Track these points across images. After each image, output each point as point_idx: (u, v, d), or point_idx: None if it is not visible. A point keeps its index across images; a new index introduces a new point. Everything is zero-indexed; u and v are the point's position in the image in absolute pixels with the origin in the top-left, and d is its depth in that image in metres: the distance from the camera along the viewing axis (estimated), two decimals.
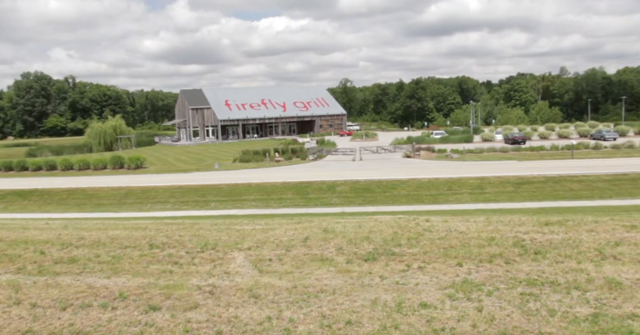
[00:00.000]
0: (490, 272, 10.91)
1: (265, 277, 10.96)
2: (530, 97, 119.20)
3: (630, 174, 30.42)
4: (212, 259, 12.53)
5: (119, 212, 27.30)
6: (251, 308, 9.32)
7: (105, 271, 11.88)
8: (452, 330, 8.10)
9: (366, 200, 27.48)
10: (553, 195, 26.75)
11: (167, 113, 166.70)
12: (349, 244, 13.30)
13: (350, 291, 9.98)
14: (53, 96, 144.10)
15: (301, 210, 25.30)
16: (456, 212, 22.05)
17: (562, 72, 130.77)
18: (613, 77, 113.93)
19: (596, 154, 41.84)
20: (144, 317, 9.09)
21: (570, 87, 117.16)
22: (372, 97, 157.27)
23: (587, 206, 23.17)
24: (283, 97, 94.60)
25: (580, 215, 17.25)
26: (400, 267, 11.31)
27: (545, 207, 23.36)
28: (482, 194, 27.71)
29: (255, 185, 31.99)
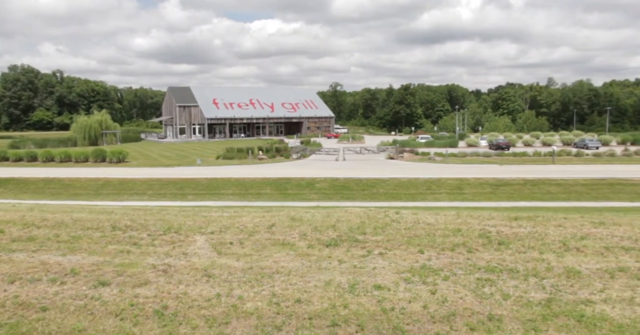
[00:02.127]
0: (451, 259, 10.81)
1: (223, 259, 10.77)
2: (518, 106, 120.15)
3: (608, 179, 30.63)
4: (173, 241, 12.31)
5: (94, 202, 26.91)
6: (202, 286, 9.12)
7: (62, 249, 11.62)
8: (402, 310, 7.97)
9: (344, 197, 27.37)
10: (530, 196, 26.83)
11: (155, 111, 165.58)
12: (314, 231, 13.15)
13: (305, 273, 9.82)
14: (40, 90, 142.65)
15: (278, 204, 25.11)
16: (431, 208, 21.99)
17: (550, 83, 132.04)
18: (600, 89, 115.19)
19: (577, 161, 42.16)
20: (92, 292, 8.86)
21: (558, 98, 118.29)
22: (361, 102, 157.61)
23: (561, 206, 23.25)
24: (272, 97, 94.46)
25: (551, 213, 17.25)
26: (361, 253, 11.18)
27: (520, 207, 23.40)
28: (461, 194, 27.72)
29: (235, 179, 31.75)
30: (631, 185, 29.11)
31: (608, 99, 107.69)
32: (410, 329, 7.24)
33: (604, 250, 11.67)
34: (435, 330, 7.22)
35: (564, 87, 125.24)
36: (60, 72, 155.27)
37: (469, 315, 7.78)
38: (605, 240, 12.63)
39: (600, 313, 7.91)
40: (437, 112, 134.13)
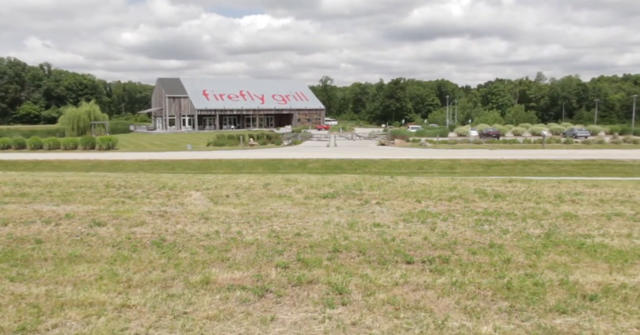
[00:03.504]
0: (449, 207, 10.82)
1: (220, 207, 10.68)
2: (507, 100, 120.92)
3: (598, 160, 30.92)
4: (168, 195, 12.19)
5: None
6: (200, 225, 9.03)
7: (55, 201, 11.45)
8: (403, 240, 7.94)
9: (336, 174, 27.33)
10: (521, 175, 26.95)
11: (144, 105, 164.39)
12: (310, 187, 13.10)
13: (303, 216, 9.76)
14: (27, 83, 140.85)
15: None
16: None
17: (539, 78, 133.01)
18: (588, 85, 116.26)
19: (567, 147, 42.51)
20: (87, 230, 8.73)
21: (546, 93, 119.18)
22: (351, 96, 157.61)
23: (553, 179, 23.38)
24: (262, 89, 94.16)
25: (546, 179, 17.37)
26: (358, 203, 11.14)
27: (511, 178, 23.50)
28: (452, 173, 27.80)
29: (226, 160, 31.60)
30: (621, 165, 29.38)
31: (596, 94, 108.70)
32: (412, 253, 7.22)
33: (599, 202, 11.76)
34: (437, 254, 7.20)
35: (553, 82, 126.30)
36: (47, 65, 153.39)
37: (469, 244, 7.77)
38: (599, 196, 12.72)
39: (600, 243, 7.94)
40: (426, 107, 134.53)
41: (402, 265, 6.74)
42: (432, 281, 6.12)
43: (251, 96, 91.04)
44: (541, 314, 5.17)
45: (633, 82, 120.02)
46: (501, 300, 5.55)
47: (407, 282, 6.10)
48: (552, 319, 5.06)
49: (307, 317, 5.09)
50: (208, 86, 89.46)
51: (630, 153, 36.13)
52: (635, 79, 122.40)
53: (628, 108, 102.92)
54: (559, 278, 6.23)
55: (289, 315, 5.14)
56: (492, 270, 6.55)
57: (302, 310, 5.27)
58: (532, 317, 5.11)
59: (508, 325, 4.92)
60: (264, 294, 5.65)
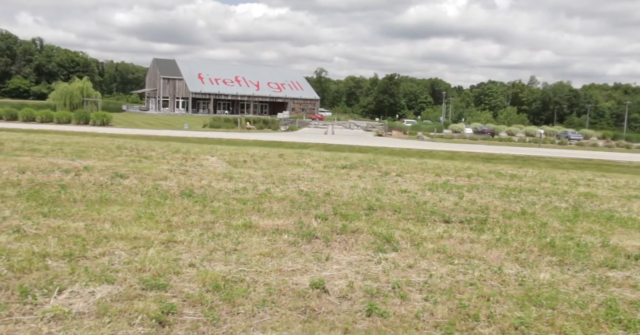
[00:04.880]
0: (469, 182, 10.81)
1: (240, 169, 10.55)
2: (500, 102, 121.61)
3: (595, 160, 31.19)
4: (184, 157, 12.02)
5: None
6: (225, 182, 8.90)
7: (70, 157, 11.23)
8: (435, 204, 7.90)
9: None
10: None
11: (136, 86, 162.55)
12: (325, 160, 13.02)
13: (328, 180, 9.68)
14: (19, 57, 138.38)
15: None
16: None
17: (532, 81, 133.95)
18: (580, 91, 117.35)
19: (562, 147, 42.88)
20: (110, 180, 8.55)
21: (539, 96, 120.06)
22: (345, 90, 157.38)
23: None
24: (257, 76, 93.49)
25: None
26: (378, 174, 11.09)
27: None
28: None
29: (226, 140, 31.31)
30: (617, 165, 29.65)
31: (587, 101, 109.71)
32: (448, 214, 7.17)
33: (613, 187, 11.84)
34: (473, 216, 7.16)
35: (545, 87, 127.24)
36: (40, 40, 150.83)
37: (501, 210, 7.75)
38: (611, 183, 12.82)
39: (628, 217, 7.97)
40: (419, 104, 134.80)
41: (441, 224, 6.69)
42: (476, 237, 6.07)
43: (246, 82, 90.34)
44: (592, 268, 5.15)
45: (623, 91, 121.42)
46: (549, 255, 5.53)
47: (452, 236, 6.05)
48: (604, 272, 5.04)
49: (362, 259, 5.01)
50: (204, 69, 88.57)
51: (625, 156, 36.56)
52: (625, 88, 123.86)
53: (618, 116, 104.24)
54: (599, 241, 6.23)
55: (342, 257, 5.06)
56: (531, 232, 6.53)
57: (354, 253, 5.19)
58: (584, 269, 5.09)
59: (563, 274, 4.89)
60: (311, 239, 5.56)
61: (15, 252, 4.53)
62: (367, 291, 4.16)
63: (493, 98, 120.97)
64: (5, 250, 4.56)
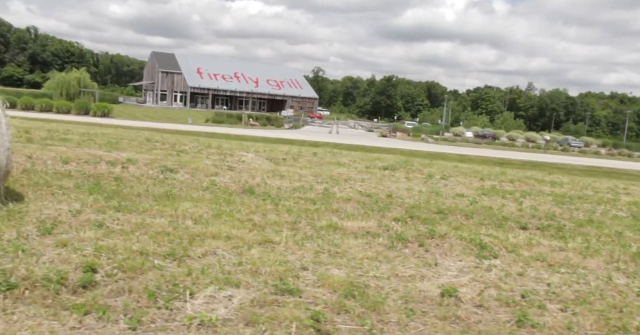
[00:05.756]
0: (515, 187, 10.64)
1: (284, 167, 10.29)
2: (497, 107, 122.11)
3: (604, 167, 31.33)
4: (220, 153, 11.73)
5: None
6: (278, 180, 8.64)
7: (104, 148, 10.89)
8: (499, 209, 7.70)
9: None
10: None
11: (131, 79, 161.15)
12: (361, 160, 12.81)
13: (379, 181, 9.46)
14: (12, 45, 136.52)
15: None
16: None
17: (530, 88, 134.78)
18: (577, 99, 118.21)
19: (566, 154, 43.04)
20: (161, 174, 8.25)
21: (535, 103, 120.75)
22: (342, 90, 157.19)
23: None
24: (256, 73, 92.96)
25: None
26: (422, 176, 10.89)
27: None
28: None
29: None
30: (625, 174, 29.77)
31: (584, 109, 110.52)
32: (522, 221, 6.98)
33: None
34: (546, 223, 6.98)
35: (542, 93, 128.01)
36: (34, 28, 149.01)
37: (567, 218, 7.58)
38: None
39: None
40: (416, 106, 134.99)
41: (519, 230, 6.50)
42: (563, 245, 5.88)
43: (245, 79, 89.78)
44: None
45: (619, 100, 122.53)
46: None
47: (540, 243, 5.85)
48: None
49: (469, 265, 4.80)
50: (202, 64, 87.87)
51: (630, 164, 36.76)
52: (621, 97, 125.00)
53: (614, 125, 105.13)
54: None
55: (447, 262, 4.85)
56: (611, 241, 6.35)
57: (456, 259, 4.98)
58: None
59: None
60: (406, 243, 5.33)
61: (114, 250, 4.26)
62: (500, 300, 3.95)
63: (490, 103, 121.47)
64: (103, 247, 4.29)
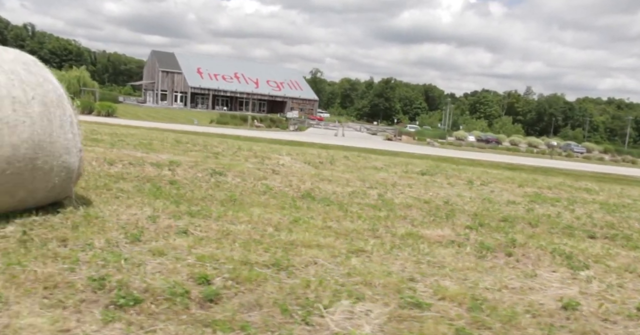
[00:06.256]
0: (557, 194, 10.55)
1: (326, 171, 10.16)
2: (495, 111, 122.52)
3: (612, 174, 31.37)
4: (257, 155, 11.59)
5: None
6: (327, 185, 8.50)
7: (141, 149, 10.71)
8: (558, 218, 7.60)
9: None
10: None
11: (129, 78, 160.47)
12: (394, 165, 12.70)
13: (426, 187, 9.34)
14: (10, 42, 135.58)
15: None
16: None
17: (528, 92, 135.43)
18: (575, 104, 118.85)
19: (571, 160, 43.14)
20: (212, 177, 8.10)
21: (534, 107, 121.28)
22: (340, 91, 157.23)
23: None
24: (256, 73, 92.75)
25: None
26: (463, 182, 10.78)
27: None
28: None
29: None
30: (635, 181, 29.83)
31: (582, 114, 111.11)
32: (588, 230, 6.88)
33: None
34: (612, 232, 6.88)
35: (540, 98, 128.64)
36: (31, 25, 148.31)
37: (626, 226, 7.49)
38: None
39: None
40: (414, 109, 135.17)
41: (590, 240, 6.39)
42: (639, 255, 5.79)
43: (245, 79, 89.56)
44: None
45: (616, 106, 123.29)
46: None
47: (618, 253, 5.75)
48: None
49: (565, 277, 4.68)
50: (203, 64, 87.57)
51: (637, 171, 36.88)
52: (618, 103, 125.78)
53: (612, 131, 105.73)
54: None
55: (544, 273, 4.73)
56: None
57: (549, 270, 4.87)
58: None
59: None
60: (493, 253, 5.22)
61: (216, 259, 4.11)
62: (620, 313, 3.84)
63: (488, 107, 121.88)
64: (205, 256, 4.13)
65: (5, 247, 4.05)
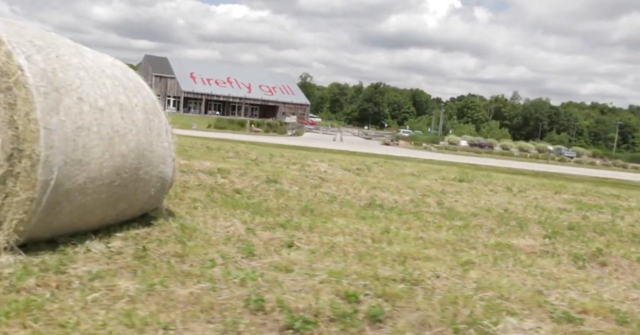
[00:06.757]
0: (592, 200, 10.70)
1: (371, 179, 10.17)
2: (482, 116, 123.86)
3: (609, 178, 31.89)
4: (292, 162, 11.55)
5: None
6: (381, 192, 8.51)
7: (180, 156, 10.58)
8: (616, 226, 7.71)
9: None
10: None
11: None
12: (425, 171, 12.76)
13: (473, 194, 9.40)
14: None
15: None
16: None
17: (515, 97, 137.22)
18: (560, 109, 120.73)
19: (564, 164, 43.75)
20: (269, 185, 8.06)
21: (520, 112, 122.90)
22: (329, 96, 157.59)
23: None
24: (249, 78, 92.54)
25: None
26: (501, 188, 10.88)
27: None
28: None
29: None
30: (633, 186, 30.33)
31: (567, 118, 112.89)
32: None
33: None
34: None
35: (526, 103, 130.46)
36: None
37: None
38: None
39: None
40: (402, 114, 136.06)
41: None
42: None
43: (238, 84, 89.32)
44: None
45: (600, 110, 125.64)
46: None
47: None
48: None
49: None
50: (195, 68, 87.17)
51: (631, 175, 37.55)
52: (602, 107, 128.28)
53: (596, 135, 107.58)
54: None
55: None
56: None
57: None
58: None
59: None
60: (589, 263, 5.28)
61: (347, 275, 4.05)
62: None
63: (476, 111, 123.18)
64: (335, 272, 4.08)
65: (128, 265, 3.89)
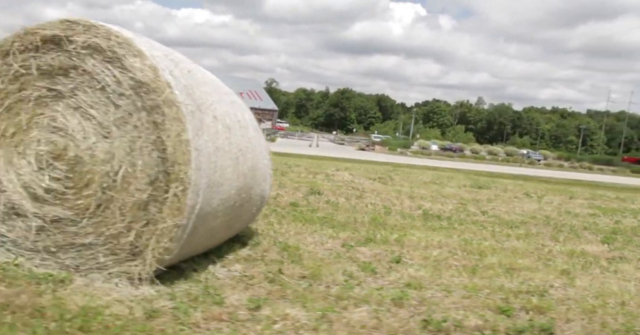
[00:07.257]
0: (606, 204, 11.13)
1: (401, 188, 10.28)
2: (447, 120, 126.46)
3: (583, 180, 33.09)
4: (310, 172, 11.54)
5: None
6: (422, 201, 8.64)
7: None
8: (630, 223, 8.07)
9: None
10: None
11: None
12: (437, 179, 12.99)
13: (504, 202, 9.64)
14: None
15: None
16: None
17: (479, 102, 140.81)
18: (522, 113, 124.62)
19: (534, 167, 45.15)
20: (315, 197, 8.06)
21: (484, 116, 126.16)
22: (295, 101, 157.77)
23: None
24: None
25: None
26: (524, 196, 11.18)
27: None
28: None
29: None
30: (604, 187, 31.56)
31: (529, 123, 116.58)
32: None
33: None
34: None
35: (490, 107, 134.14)
36: None
37: None
38: None
39: None
40: (369, 119, 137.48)
41: None
42: None
43: None
44: None
45: (560, 115, 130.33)
46: None
47: None
48: None
49: None
50: None
51: (599, 177, 39.10)
52: (562, 112, 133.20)
53: (556, 138, 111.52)
54: None
55: None
56: None
57: None
58: None
59: None
60: None
61: (477, 289, 4.09)
62: None
63: (441, 116, 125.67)
64: (467, 287, 4.10)
65: (271, 291, 3.72)
